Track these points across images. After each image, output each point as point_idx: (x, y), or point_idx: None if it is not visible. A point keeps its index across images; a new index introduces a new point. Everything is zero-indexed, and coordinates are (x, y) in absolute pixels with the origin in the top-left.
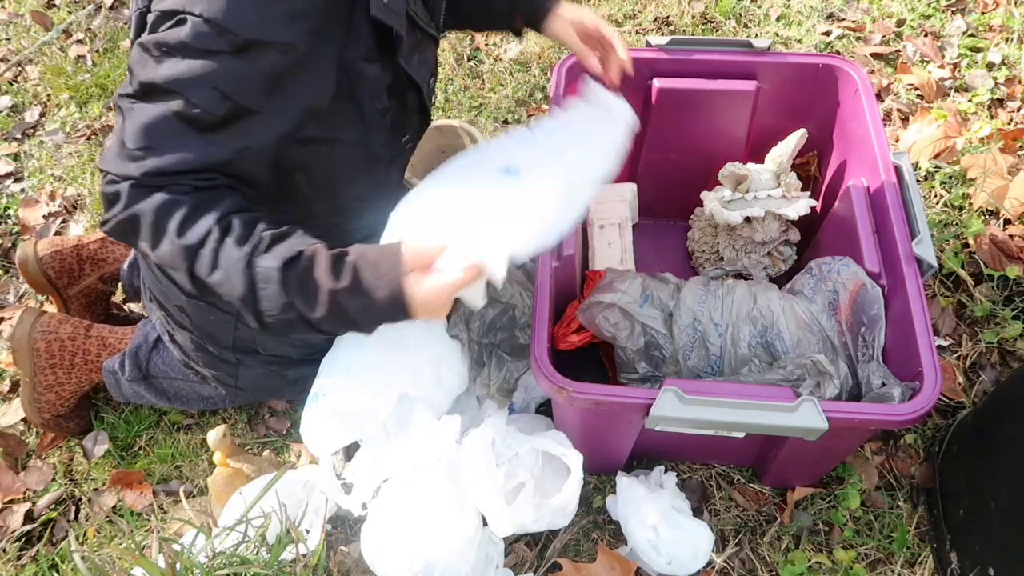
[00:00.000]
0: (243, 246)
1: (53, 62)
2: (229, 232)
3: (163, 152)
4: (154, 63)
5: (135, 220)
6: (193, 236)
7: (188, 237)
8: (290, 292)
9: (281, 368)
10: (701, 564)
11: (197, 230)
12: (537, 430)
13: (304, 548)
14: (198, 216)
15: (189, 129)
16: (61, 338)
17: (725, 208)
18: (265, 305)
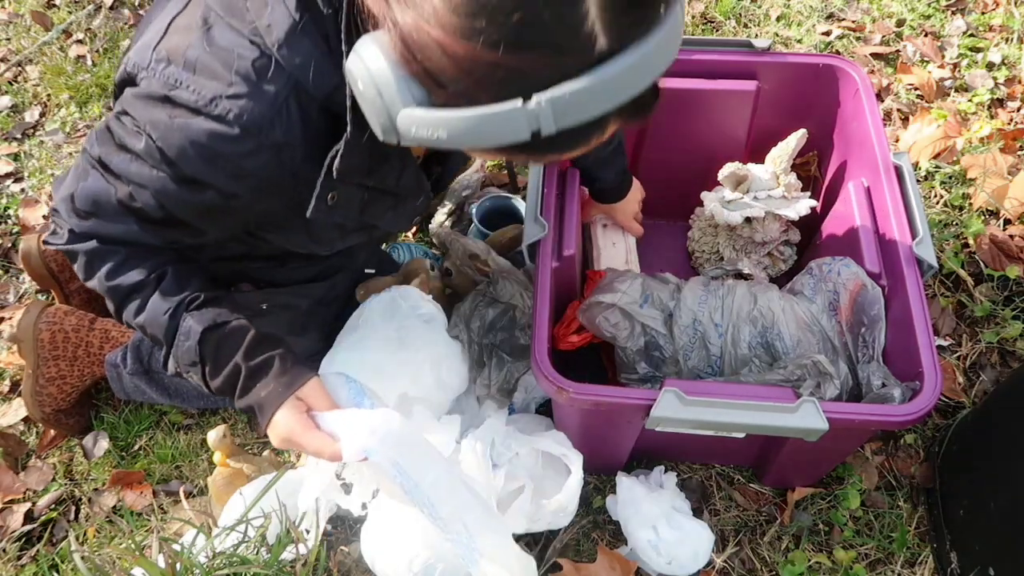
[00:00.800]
0: (172, 298)
1: (53, 62)
2: (160, 283)
3: (104, 222)
4: (114, 147)
5: (71, 254)
6: (124, 282)
7: (119, 283)
8: (204, 350)
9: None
10: (701, 564)
11: (128, 278)
12: (537, 430)
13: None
14: (130, 266)
15: (130, 215)
16: (65, 330)
17: (725, 208)
18: (178, 354)
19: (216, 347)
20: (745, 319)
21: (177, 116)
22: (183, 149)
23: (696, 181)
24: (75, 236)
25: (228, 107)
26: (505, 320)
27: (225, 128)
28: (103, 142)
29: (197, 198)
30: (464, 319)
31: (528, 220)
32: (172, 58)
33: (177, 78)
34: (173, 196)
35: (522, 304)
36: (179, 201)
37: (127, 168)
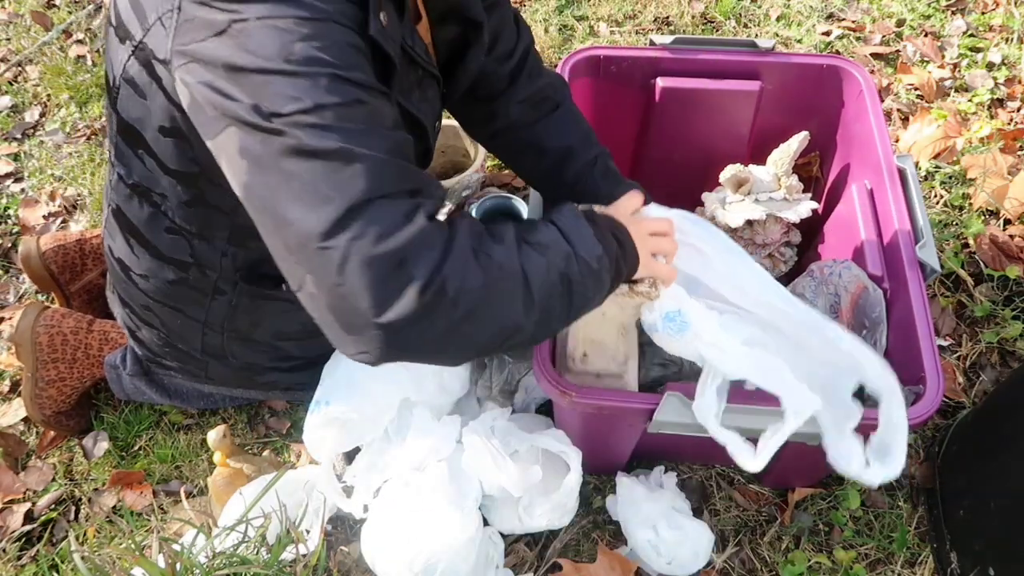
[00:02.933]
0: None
1: (53, 62)
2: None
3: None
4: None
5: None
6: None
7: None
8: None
9: (251, 373)
10: (701, 564)
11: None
12: (536, 429)
13: (304, 548)
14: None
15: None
16: (64, 332)
17: (726, 210)
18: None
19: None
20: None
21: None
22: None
23: (697, 181)
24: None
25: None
26: None
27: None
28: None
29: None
30: None
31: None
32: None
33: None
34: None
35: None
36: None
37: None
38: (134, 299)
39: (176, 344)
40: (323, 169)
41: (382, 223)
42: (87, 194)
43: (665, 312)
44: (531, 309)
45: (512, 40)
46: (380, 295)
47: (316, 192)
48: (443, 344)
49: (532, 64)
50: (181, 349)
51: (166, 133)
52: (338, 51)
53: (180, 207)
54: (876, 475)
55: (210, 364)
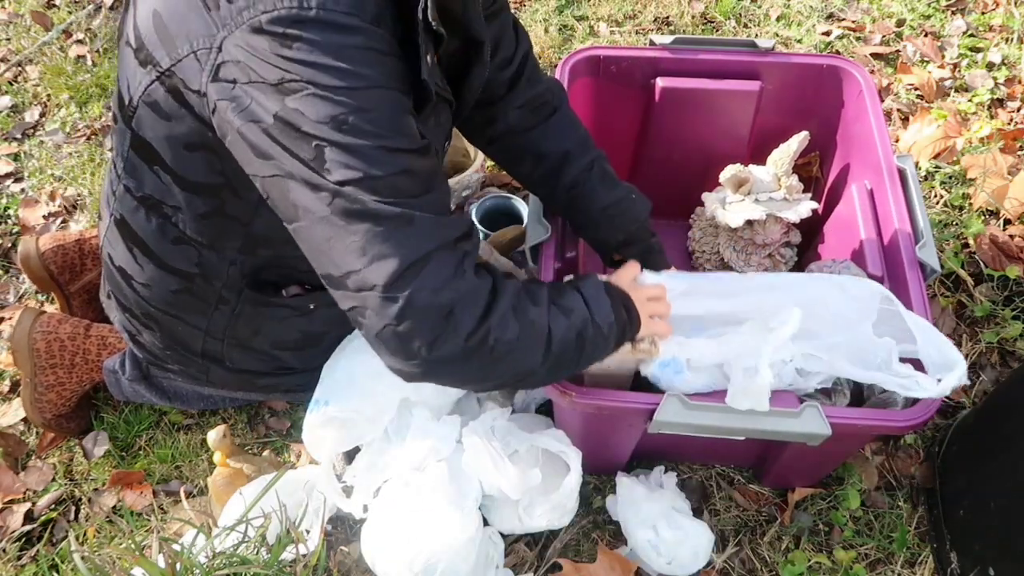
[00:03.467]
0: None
1: (53, 62)
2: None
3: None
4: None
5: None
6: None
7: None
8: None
9: (251, 376)
10: (701, 564)
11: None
12: (536, 429)
13: (304, 548)
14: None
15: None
16: (61, 338)
17: (726, 210)
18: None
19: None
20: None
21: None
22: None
23: (698, 180)
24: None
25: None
26: None
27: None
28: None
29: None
30: None
31: (531, 222)
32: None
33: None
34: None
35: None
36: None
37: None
38: (134, 306)
39: (176, 348)
40: (381, 230)
41: (437, 277)
42: (87, 194)
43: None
44: (548, 359)
45: (511, 47)
46: (432, 338)
47: (376, 250)
48: (472, 378)
49: (530, 70)
50: (182, 352)
51: (193, 148)
52: (387, 120)
53: (194, 219)
54: (947, 383)
55: (211, 368)
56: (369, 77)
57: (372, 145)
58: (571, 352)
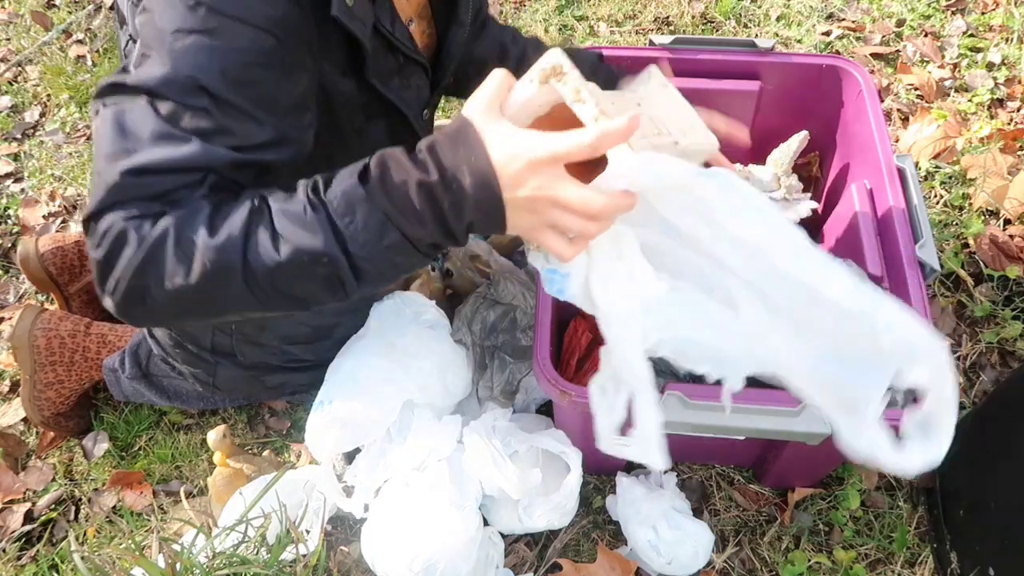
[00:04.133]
0: (297, 198)
1: (53, 62)
2: (270, 199)
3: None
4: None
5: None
6: (234, 225)
7: (229, 228)
8: (378, 202)
9: (259, 373)
10: (701, 564)
11: (235, 219)
12: (537, 429)
13: (304, 548)
14: (228, 210)
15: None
16: (61, 335)
17: None
18: (360, 240)
19: (385, 188)
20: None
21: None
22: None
23: None
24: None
25: None
26: (506, 322)
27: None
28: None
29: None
30: (466, 321)
31: None
32: None
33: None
34: (217, 56)
35: (524, 304)
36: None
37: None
38: None
39: (186, 345)
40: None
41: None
42: (87, 194)
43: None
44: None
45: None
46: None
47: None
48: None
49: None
50: (191, 351)
51: None
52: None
53: None
54: (914, 457)
55: (220, 366)
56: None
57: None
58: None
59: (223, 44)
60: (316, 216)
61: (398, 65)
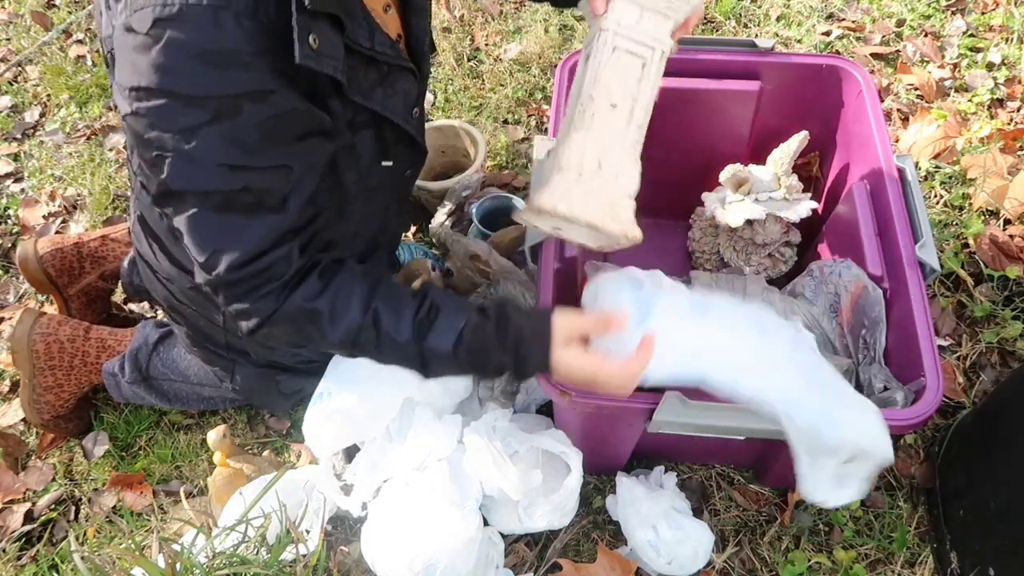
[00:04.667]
0: (403, 331)
1: (53, 62)
2: (380, 322)
3: (226, 253)
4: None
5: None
6: (347, 334)
7: (343, 334)
8: (461, 364)
9: (274, 372)
10: (701, 564)
11: (347, 326)
12: (537, 430)
13: (304, 548)
14: (340, 314)
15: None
16: (60, 340)
17: (726, 210)
18: (435, 373)
19: (470, 356)
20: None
21: (159, 40)
22: (180, 67)
23: (697, 181)
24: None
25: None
26: None
27: (195, 14)
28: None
29: (241, 122)
30: None
31: None
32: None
33: (141, 4)
34: (224, 141)
35: (524, 304)
36: (234, 141)
37: (179, 167)
38: (162, 300)
39: (203, 344)
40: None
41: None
42: (87, 194)
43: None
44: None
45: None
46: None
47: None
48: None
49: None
50: (210, 349)
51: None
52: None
53: None
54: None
55: (237, 364)
56: (230, 84)
57: (216, 161)
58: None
59: (225, 124)
60: (417, 354)
61: (380, 76)
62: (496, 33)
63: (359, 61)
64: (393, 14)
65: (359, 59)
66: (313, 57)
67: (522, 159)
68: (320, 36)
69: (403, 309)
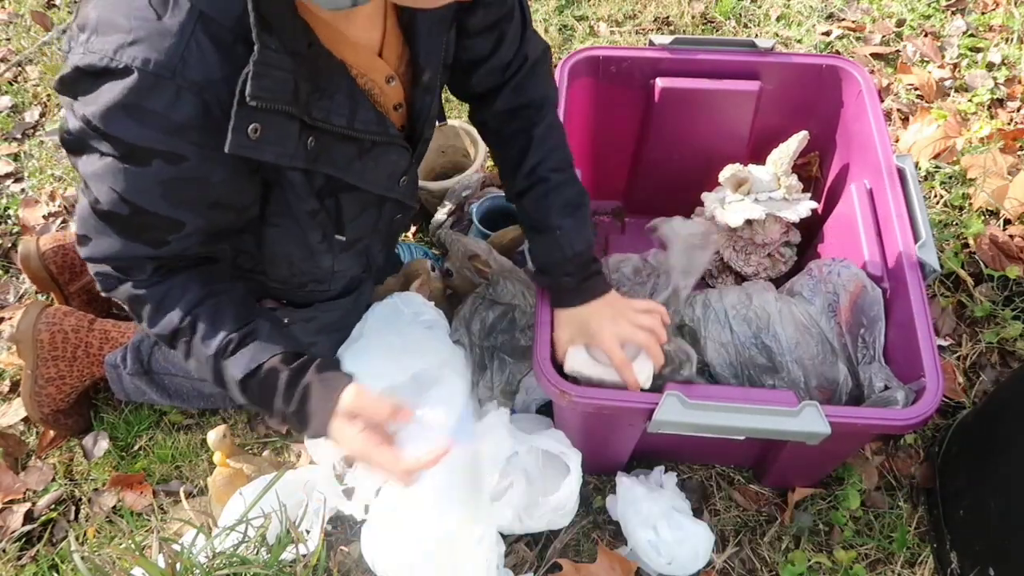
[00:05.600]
0: (211, 344)
1: (53, 62)
2: (195, 329)
3: (95, 241)
4: (74, 150)
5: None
6: (164, 328)
7: (160, 328)
8: (250, 397)
9: None
10: (701, 564)
11: (166, 323)
12: (537, 430)
13: (304, 548)
14: (165, 309)
15: (106, 223)
16: (65, 330)
17: (725, 210)
18: (232, 396)
19: (259, 392)
20: (740, 320)
21: (96, 83)
22: (109, 115)
23: (697, 180)
24: (104, 280)
25: (133, 55)
26: (505, 322)
27: (136, 79)
28: (70, 149)
29: (147, 173)
30: (464, 322)
31: None
32: (82, 26)
33: (87, 46)
34: (124, 179)
35: (523, 304)
36: (133, 184)
37: (84, 165)
38: None
39: None
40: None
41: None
42: None
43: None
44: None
45: (510, 53)
46: None
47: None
48: None
49: (522, 78)
50: None
51: None
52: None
53: None
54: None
55: None
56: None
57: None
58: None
59: (131, 167)
60: (215, 370)
61: (360, 151)
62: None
63: (331, 138)
64: (397, 86)
65: (331, 136)
66: (250, 146)
67: None
68: (264, 126)
69: (221, 325)
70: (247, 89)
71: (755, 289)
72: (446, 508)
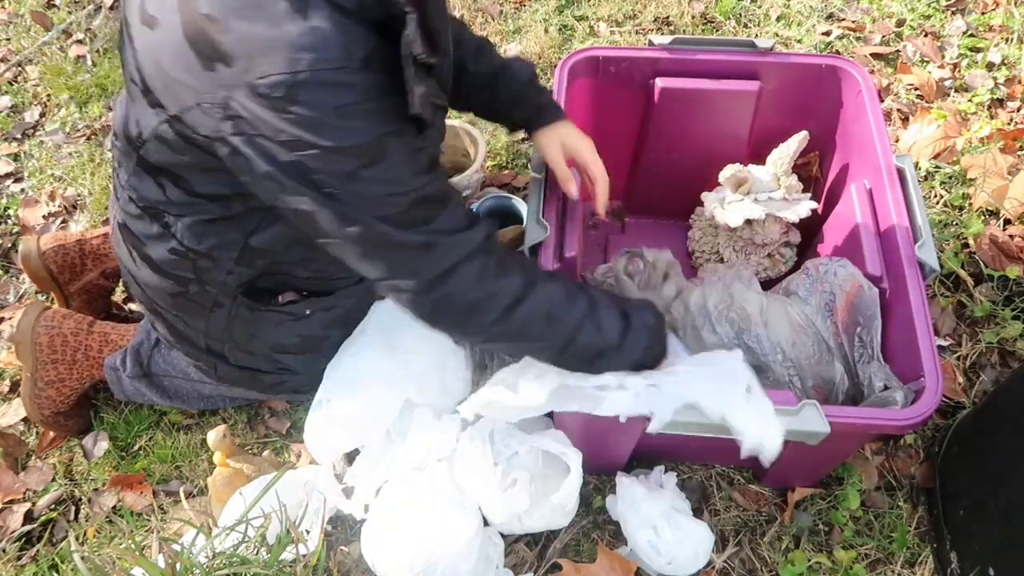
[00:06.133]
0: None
1: (53, 62)
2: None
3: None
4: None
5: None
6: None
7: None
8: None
9: (254, 374)
10: (701, 564)
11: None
12: (537, 430)
13: (304, 548)
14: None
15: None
16: (64, 333)
17: (725, 210)
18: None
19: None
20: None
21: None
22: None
23: (697, 180)
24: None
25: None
26: None
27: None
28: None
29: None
30: None
31: (530, 222)
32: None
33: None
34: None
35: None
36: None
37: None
38: (144, 302)
39: (184, 342)
40: (405, 256)
41: (462, 284)
42: (87, 194)
43: None
44: (562, 356)
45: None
46: (459, 325)
47: (404, 270)
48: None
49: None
50: (189, 346)
51: (205, 171)
52: (395, 165)
53: (195, 227)
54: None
55: (218, 363)
56: (367, 130)
57: (384, 192)
58: (583, 362)
59: (389, 162)
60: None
61: (435, 111)
62: (496, 33)
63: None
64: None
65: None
66: (420, 105)
67: (522, 159)
68: (420, 88)
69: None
70: (415, 46)
71: (737, 289)
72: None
